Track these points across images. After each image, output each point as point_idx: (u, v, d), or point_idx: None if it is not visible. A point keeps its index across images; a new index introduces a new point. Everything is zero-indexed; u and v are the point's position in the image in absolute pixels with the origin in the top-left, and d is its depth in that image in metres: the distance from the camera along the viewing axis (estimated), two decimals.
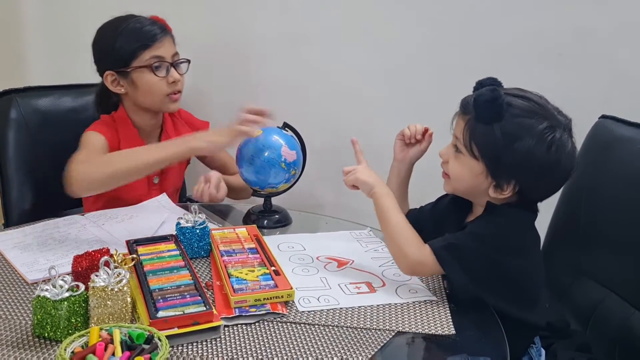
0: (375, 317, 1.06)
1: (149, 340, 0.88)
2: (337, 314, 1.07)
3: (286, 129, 1.51)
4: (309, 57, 1.90)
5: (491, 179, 1.14)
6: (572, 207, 1.42)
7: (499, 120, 1.11)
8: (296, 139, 1.51)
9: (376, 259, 1.29)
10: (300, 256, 1.30)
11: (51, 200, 1.51)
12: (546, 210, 1.36)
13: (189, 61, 1.58)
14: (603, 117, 1.41)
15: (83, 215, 1.51)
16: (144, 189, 1.60)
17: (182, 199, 1.89)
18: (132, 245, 1.26)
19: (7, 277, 1.19)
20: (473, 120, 1.14)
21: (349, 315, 1.07)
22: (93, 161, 1.41)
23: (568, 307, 1.38)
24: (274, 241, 1.37)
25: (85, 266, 1.10)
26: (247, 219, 1.54)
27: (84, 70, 1.60)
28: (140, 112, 1.58)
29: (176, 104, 1.57)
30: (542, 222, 1.32)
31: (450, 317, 1.08)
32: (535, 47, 1.62)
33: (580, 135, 1.40)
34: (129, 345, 0.87)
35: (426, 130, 1.35)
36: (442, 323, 1.06)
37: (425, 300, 1.12)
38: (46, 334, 0.97)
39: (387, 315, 1.07)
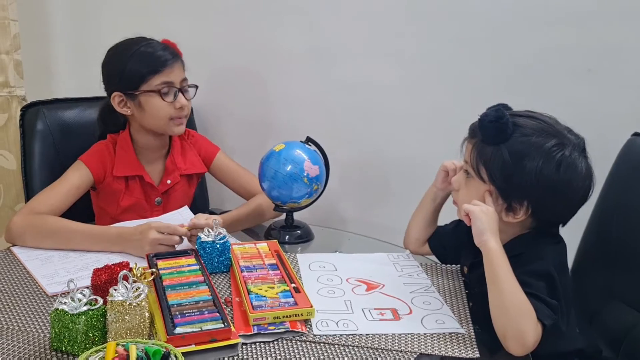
0: (397, 341, 1.04)
1: (166, 357, 0.87)
2: (356, 340, 1.03)
3: (309, 143, 1.50)
4: (332, 72, 1.89)
5: (502, 201, 1.13)
6: (602, 227, 1.38)
7: (505, 141, 1.10)
8: (319, 153, 1.50)
9: (408, 285, 1.24)
10: (329, 277, 1.27)
11: (77, 212, 1.52)
12: (576, 230, 1.32)
13: (196, 87, 1.58)
14: (635, 134, 1.37)
15: None
16: (147, 211, 1.60)
17: (205, 212, 1.88)
18: (152, 259, 1.25)
19: (27, 288, 1.19)
20: (480, 143, 1.14)
21: (369, 340, 1.03)
22: (37, 221, 1.41)
23: (598, 331, 1.34)
24: (306, 260, 1.35)
25: (105, 279, 1.10)
26: (269, 234, 1.52)
27: None
28: (145, 133, 1.58)
29: (181, 127, 1.57)
30: (572, 243, 1.29)
31: (474, 340, 1.04)
32: (565, 63, 1.58)
33: (611, 153, 1.38)
34: None
35: None
36: (466, 346, 1.03)
37: (451, 333, 1.07)
38: (63, 348, 0.96)
39: (408, 338, 1.04)
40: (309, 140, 1.51)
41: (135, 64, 1.49)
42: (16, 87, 2.06)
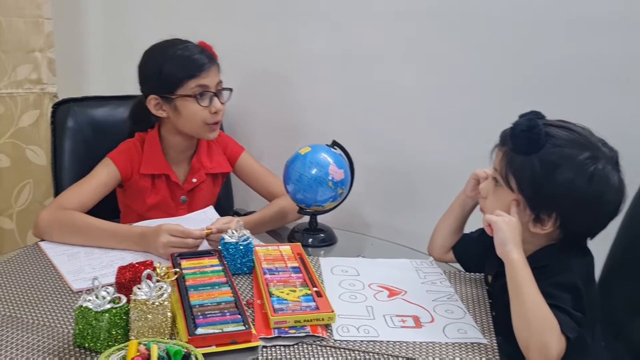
0: (418, 349, 1.03)
1: (186, 357, 0.87)
2: (377, 347, 1.02)
3: (335, 147, 1.50)
4: (359, 76, 1.88)
5: (530, 211, 1.11)
6: (632, 239, 1.35)
7: (536, 151, 1.08)
8: (345, 157, 1.50)
9: (431, 292, 1.23)
10: (351, 282, 1.27)
11: (103, 208, 1.54)
12: (604, 242, 1.29)
13: (231, 90, 1.58)
14: None
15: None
16: (172, 209, 1.61)
17: (230, 212, 1.89)
18: (176, 258, 1.26)
19: (54, 284, 1.21)
20: (510, 152, 1.12)
21: (390, 347, 1.02)
22: (64, 217, 1.43)
23: (624, 346, 1.31)
24: (328, 264, 1.35)
25: (129, 278, 1.11)
26: (292, 237, 1.52)
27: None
28: (176, 134, 1.59)
29: (215, 133, 1.57)
30: (599, 256, 1.26)
31: (497, 351, 1.03)
32: (601, 72, 1.54)
33: None
34: None
35: None
36: (488, 356, 1.01)
37: (472, 343, 1.05)
38: (86, 344, 0.97)
39: (429, 347, 1.03)
40: (334, 143, 1.51)
41: (172, 67, 1.49)
42: (48, 84, 2.10)
